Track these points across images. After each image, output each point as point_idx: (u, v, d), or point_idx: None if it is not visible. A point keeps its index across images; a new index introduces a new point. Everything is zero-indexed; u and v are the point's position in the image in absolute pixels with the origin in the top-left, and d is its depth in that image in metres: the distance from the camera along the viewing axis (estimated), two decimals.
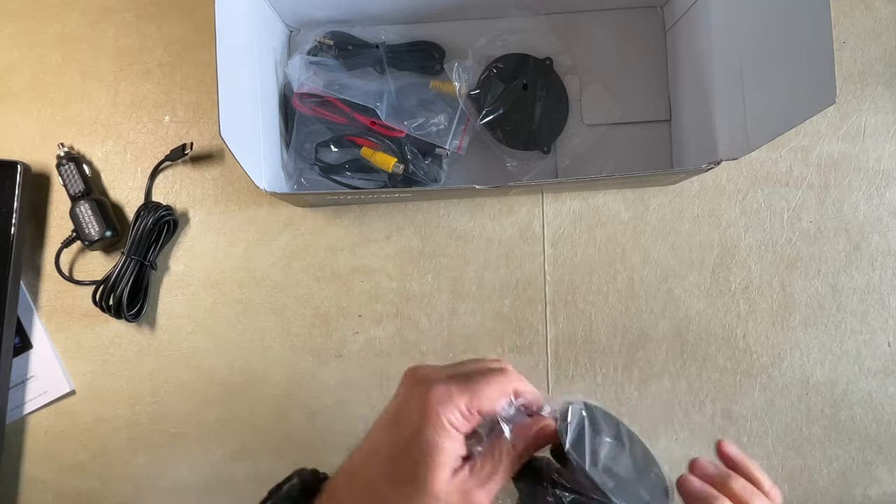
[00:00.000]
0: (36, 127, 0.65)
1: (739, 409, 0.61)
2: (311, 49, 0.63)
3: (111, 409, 0.63)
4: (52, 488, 0.62)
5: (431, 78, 0.64)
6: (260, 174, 0.54)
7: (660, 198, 0.64)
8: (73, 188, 0.62)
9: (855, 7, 0.64)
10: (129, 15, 0.66)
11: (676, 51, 0.63)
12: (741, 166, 0.64)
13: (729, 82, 0.54)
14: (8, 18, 0.66)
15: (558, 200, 0.64)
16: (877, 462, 0.61)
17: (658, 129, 0.64)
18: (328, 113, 0.62)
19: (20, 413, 0.63)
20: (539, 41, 0.64)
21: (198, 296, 0.63)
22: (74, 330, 0.63)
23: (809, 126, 0.63)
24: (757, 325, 0.62)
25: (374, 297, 0.63)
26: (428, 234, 0.64)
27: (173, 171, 0.65)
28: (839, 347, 0.62)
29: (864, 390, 0.61)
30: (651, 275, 0.63)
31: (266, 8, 0.60)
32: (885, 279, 0.62)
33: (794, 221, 0.63)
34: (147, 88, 0.65)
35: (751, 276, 0.63)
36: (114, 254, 0.64)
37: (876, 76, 0.64)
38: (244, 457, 0.62)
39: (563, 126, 0.64)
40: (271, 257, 0.64)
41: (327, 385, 0.62)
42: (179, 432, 0.62)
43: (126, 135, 0.65)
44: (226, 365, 0.63)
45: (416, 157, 0.61)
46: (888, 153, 0.63)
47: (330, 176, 0.63)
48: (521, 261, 0.63)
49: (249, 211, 0.64)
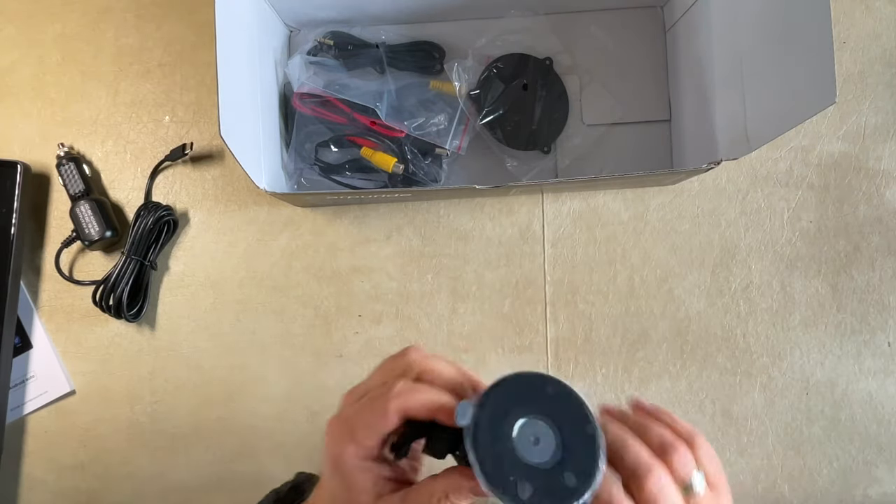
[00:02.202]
0: (36, 127, 0.65)
1: (739, 409, 0.61)
2: (311, 49, 0.63)
3: (111, 409, 0.63)
4: (52, 488, 0.62)
5: (431, 78, 0.64)
6: (260, 174, 0.54)
7: (660, 198, 0.64)
8: (73, 188, 0.62)
9: (855, 7, 0.64)
10: (129, 15, 0.66)
11: (676, 51, 0.63)
12: (741, 166, 0.64)
13: (729, 82, 0.54)
14: (8, 18, 0.66)
15: (558, 200, 0.64)
16: (877, 462, 0.61)
17: (658, 129, 0.64)
18: (328, 113, 0.62)
19: (20, 413, 0.63)
20: (539, 41, 0.64)
21: (198, 296, 0.63)
22: (74, 330, 0.63)
23: (809, 126, 0.63)
24: (757, 325, 0.62)
25: (374, 297, 0.63)
26: (428, 234, 0.64)
27: (173, 171, 0.65)
28: (839, 347, 0.62)
29: (864, 390, 0.61)
30: (651, 275, 0.63)
31: (266, 8, 0.60)
32: (885, 279, 0.62)
33: (794, 221, 0.63)
34: (147, 88, 0.65)
35: (751, 276, 0.63)
36: (114, 254, 0.64)
37: (876, 76, 0.64)
38: (244, 457, 0.62)
39: (563, 126, 0.64)
40: (271, 257, 0.64)
41: (327, 385, 0.62)
42: (179, 432, 0.62)
43: (126, 135, 0.65)
44: (226, 365, 0.63)
45: (416, 157, 0.61)
46: (888, 153, 0.63)
47: (330, 176, 0.63)
48: (521, 261, 0.63)
49: (249, 211, 0.64)
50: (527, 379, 0.34)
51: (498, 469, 0.32)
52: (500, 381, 0.33)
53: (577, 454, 0.32)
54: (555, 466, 0.32)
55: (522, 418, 0.33)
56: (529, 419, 0.33)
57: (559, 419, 0.33)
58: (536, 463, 0.32)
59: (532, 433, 0.32)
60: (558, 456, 0.32)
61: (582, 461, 0.32)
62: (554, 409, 0.33)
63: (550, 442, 0.32)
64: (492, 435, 0.32)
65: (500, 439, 0.32)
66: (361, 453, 0.35)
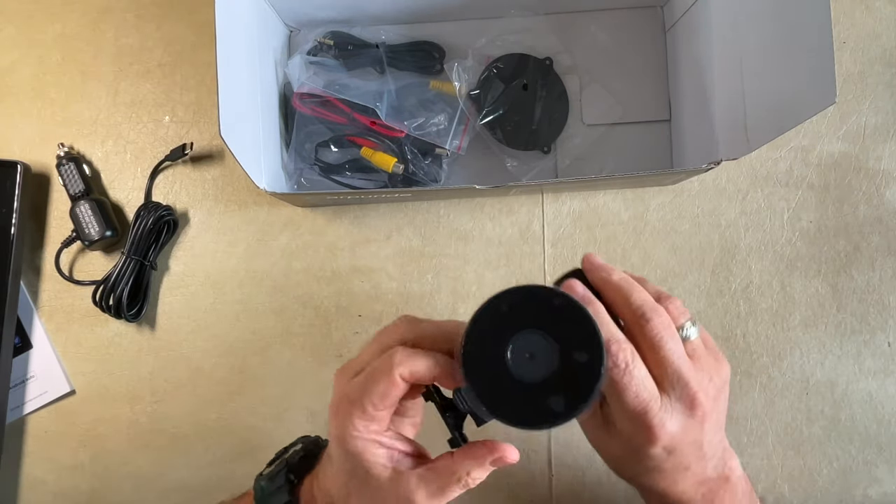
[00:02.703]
0: (36, 127, 0.65)
1: (739, 409, 0.61)
2: (311, 49, 0.63)
3: (111, 409, 0.63)
4: (52, 488, 0.62)
5: (431, 78, 0.64)
6: (260, 174, 0.54)
7: (660, 198, 0.64)
8: (73, 188, 0.62)
9: (855, 7, 0.64)
10: (129, 15, 0.66)
11: (676, 51, 0.63)
12: (741, 166, 0.64)
13: (729, 82, 0.54)
14: (8, 18, 0.66)
15: (558, 200, 0.64)
16: (877, 462, 0.61)
17: (658, 129, 0.64)
18: (328, 113, 0.62)
19: (20, 413, 0.63)
20: (539, 41, 0.64)
21: (198, 296, 0.63)
22: (74, 330, 0.63)
23: (809, 126, 0.63)
24: (757, 325, 0.62)
25: (374, 297, 0.63)
26: (428, 234, 0.64)
27: (173, 171, 0.65)
28: (839, 347, 0.62)
29: (864, 390, 0.61)
30: (651, 275, 0.63)
31: (266, 8, 0.60)
32: (885, 279, 0.62)
33: (794, 221, 0.63)
34: (147, 88, 0.65)
35: (751, 276, 0.63)
36: (114, 254, 0.64)
37: (876, 76, 0.64)
38: (244, 457, 0.62)
39: (563, 126, 0.64)
40: (271, 257, 0.64)
41: (327, 385, 0.62)
42: (179, 432, 0.62)
43: (126, 135, 0.65)
44: (226, 365, 0.63)
45: (416, 157, 0.61)
46: (888, 153, 0.63)
47: (330, 176, 0.63)
48: (521, 261, 0.63)
49: (249, 211, 0.64)
50: (519, 293, 0.32)
51: (494, 392, 0.31)
52: (489, 299, 0.32)
53: (576, 370, 0.31)
54: (552, 379, 0.31)
55: (516, 335, 0.31)
56: (524, 334, 0.32)
57: (557, 331, 0.32)
58: (532, 379, 0.31)
59: (527, 348, 0.31)
60: (555, 369, 0.31)
61: (581, 374, 0.31)
62: (551, 320, 0.32)
63: (547, 355, 0.31)
64: (484, 359, 0.31)
65: (494, 360, 0.31)
66: (372, 427, 0.35)
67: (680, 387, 0.36)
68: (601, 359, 0.31)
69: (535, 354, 0.31)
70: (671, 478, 0.38)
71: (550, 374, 0.31)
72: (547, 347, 0.31)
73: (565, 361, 0.31)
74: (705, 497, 0.40)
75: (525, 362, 0.31)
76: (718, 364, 0.39)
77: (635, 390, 0.35)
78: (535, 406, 0.31)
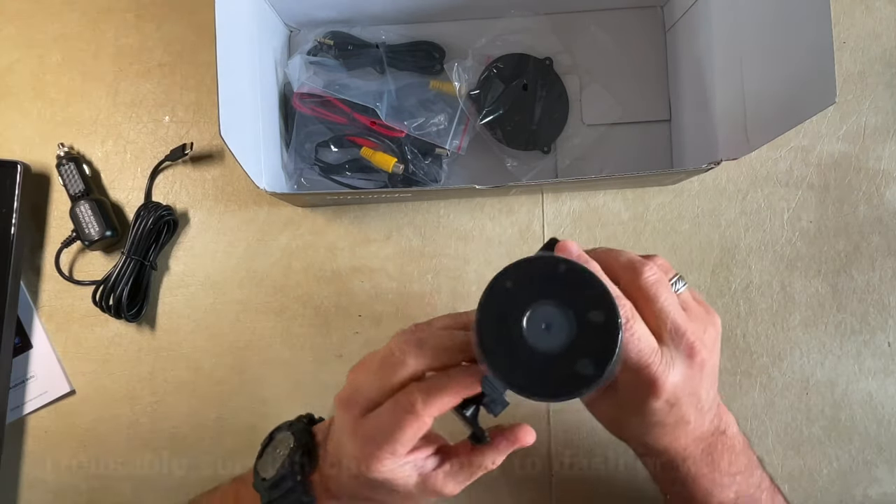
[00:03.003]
0: (36, 127, 0.65)
1: (739, 409, 0.61)
2: (311, 49, 0.63)
3: (111, 409, 0.63)
4: (52, 488, 0.62)
5: (431, 78, 0.64)
6: (260, 174, 0.54)
7: (660, 198, 0.64)
8: (73, 188, 0.62)
9: (855, 7, 0.64)
10: (129, 15, 0.66)
11: (676, 51, 0.63)
12: (741, 166, 0.64)
13: (729, 82, 0.54)
14: (8, 18, 0.66)
15: (558, 200, 0.64)
16: (877, 462, 0.61)
17: (658, 129, 0.64)
18: (328, 113, 0.62)
19: (20, 413, 0.63)
20: (539, 41, 0.64)
21: (198, 296, 0.63)
22: (74, 330, 0.63)
23: (809, 126, 0.63)
24: (757, 325, 0.62)
25: (373, 297, 0.63)
26: (428, 234, 0.64)
27: (173, 171, 0.65)
28: (839, 347, 0.62)
29: (864, 390, 0.61)
30: None
31: (266, 8, 0.60)
32: (885, 279, 0.62)
33: (794, 221, 0.63)
34: (147, 88, 0.65)
35: (751, 276, 0.63)
36: (114, 254, 0.64)
37: (876, 76, 0.64)
38: (244, 457, 0.62)
39: (563, 126, 0.64)
40: (271, 257, 0.64)
41: (327, 385, 0.62)
42: (179, 432, 0.62)
43: (126, 135, 0.65)
44: (226, 365, 0.63)
45: (416, 157, 0.61)
46: (888, 153, 0.63)
47: (330, 176, 0.63)
48: None
49: (249, 211, 0.64)
50: (520, 268, 0.32)
51: (523, 374, 0.30)
52: (491, 282, 0.32)
53: (595, 330, 0.31)
54: (564, 357, 0.31)
55: (527, 310, 0.31)
56: (535, 308, 0.31)
57: (567, 296, 0.31)
58: (555, 350, 0.31)
59: (541, 321, 0.31)
60: (573, 338, 0.31)
61: (598, 343, 0.31)
62: (559, 288, 0.31)
63: (563, 323, 0.31)
64: (503, 345, 0.31)
65: (512, 343, 0.31)
66: (400, 459, 0.35)
67: (678, 337, 0.36)
68: (616, 313, 0.31)
69: (550, 325, 0.31)
70: (672, 433, 0.39)
71: (571, 341, 0.31)
72: (560, 315, 0.31)
73: (582, 325, 0.31)
74: (705, 451, 0.40)
75: (543, 335, 0.31)
76: (710, 315, 0.40)
77: (637, 345, 0.35)
78: (565, 375, 0.30)
